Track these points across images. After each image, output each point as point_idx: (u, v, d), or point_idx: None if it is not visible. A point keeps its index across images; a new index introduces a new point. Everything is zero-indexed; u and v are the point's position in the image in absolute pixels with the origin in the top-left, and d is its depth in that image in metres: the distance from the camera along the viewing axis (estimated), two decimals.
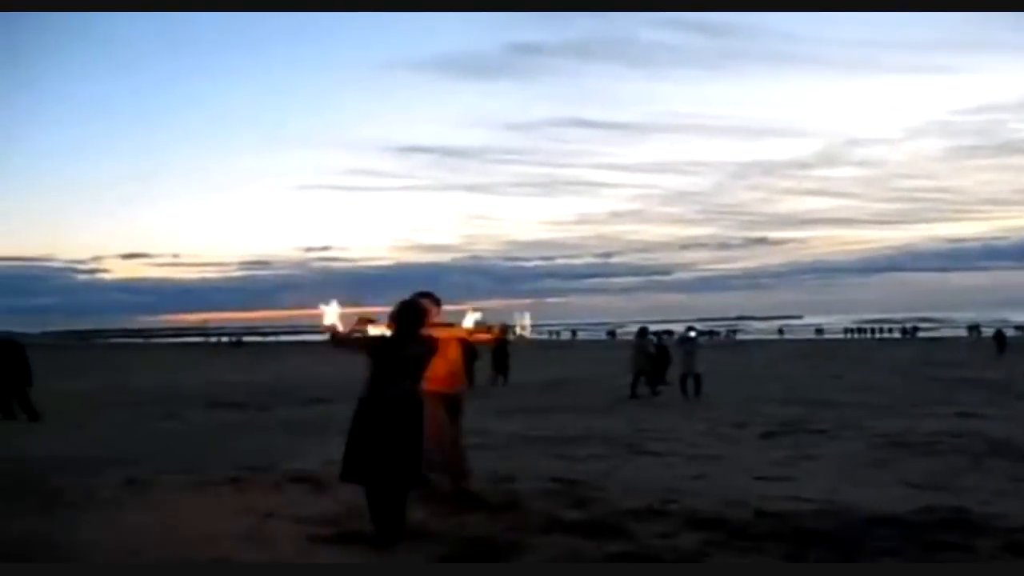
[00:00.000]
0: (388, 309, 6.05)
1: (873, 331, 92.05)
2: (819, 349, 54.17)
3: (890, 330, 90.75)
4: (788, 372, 28.44)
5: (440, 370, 6.55)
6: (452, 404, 6.97)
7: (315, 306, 5.96)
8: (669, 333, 31.57)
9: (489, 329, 7.43)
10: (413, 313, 5.79)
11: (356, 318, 6.26)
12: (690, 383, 18.82)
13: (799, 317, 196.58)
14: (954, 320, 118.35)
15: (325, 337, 6.01)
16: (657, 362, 21.19)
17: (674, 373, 19.82)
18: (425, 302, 6.38)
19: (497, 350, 23.65)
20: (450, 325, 6.92)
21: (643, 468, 8.74)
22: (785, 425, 12.63)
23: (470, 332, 6.95)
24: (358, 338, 6.06)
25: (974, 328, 78.53)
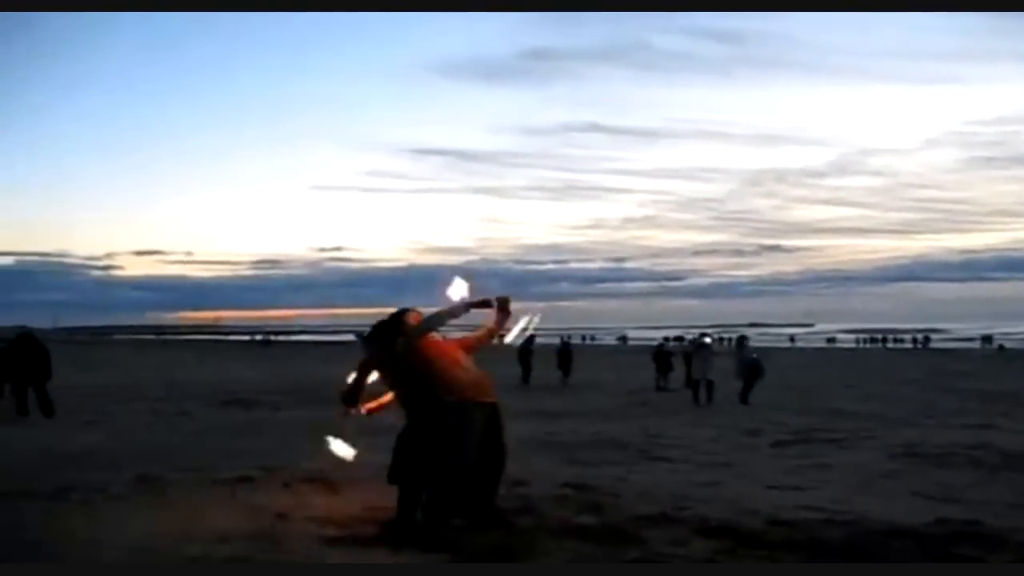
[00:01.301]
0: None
1: (884, 340, 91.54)
2: (831, 358, 53.95)
3: (902, 340, 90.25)
4: (800, 380, 28.29)
5: (472, 374, 5.90)
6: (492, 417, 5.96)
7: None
8: (680, 339, 31.60)
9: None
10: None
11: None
12: (703, 390, 18.84)
13: (811, 325, 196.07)
14: (966, 331, 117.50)
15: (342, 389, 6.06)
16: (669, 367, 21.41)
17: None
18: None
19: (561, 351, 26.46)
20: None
21: (655, 474, 8.72)
22: (798, 434, 12.59)
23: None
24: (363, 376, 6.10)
25: (987, 339, 78.03)
